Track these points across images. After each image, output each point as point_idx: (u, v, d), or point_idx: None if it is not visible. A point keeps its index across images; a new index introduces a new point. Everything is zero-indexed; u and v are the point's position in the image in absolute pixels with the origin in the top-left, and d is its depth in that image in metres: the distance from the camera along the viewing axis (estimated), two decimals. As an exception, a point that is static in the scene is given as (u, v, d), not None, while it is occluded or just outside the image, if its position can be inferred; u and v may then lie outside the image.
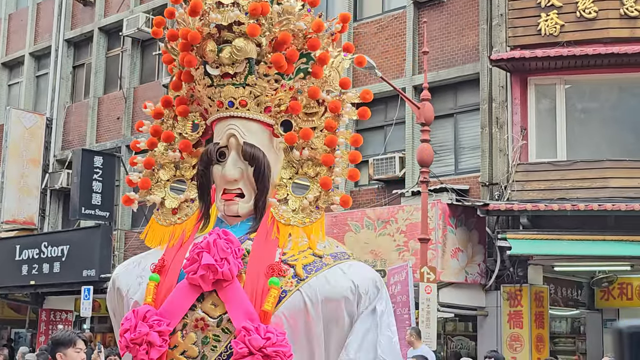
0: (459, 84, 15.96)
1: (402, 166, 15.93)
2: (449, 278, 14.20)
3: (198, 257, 2.51)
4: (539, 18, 14.44)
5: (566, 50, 14.04)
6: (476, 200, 14.78)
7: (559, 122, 14.74)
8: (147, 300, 2.58)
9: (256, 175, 2.67)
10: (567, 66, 14.41)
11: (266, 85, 2.69)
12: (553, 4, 14.37)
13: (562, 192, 13.97)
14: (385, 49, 16.95)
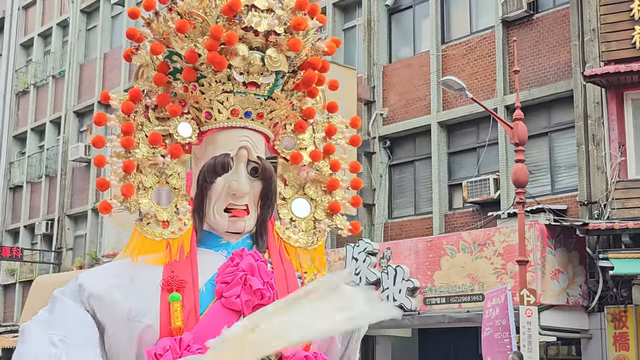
0: (552, 102, 15.72)
1: (497, 188, 15.75)
2: (549, 300, 13.92)
3: (242, 280, 2.39)
4: (632, 31, 14.14)
5: (664, 63, 13.74)
6: (575, 219, 14.49)
7: (659, 137, 14.41)
8: (177, 324, 2.38)
9: (266, 192, 2.59)
10: (665, 79, 14.09)
11: (285, 101, 2.63)
12: (647, 15, 14.10)
13: (666, 209, 13.61)
14: (475, 69, 16.85)
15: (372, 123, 18.41)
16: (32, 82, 30.46)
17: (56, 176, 28.15)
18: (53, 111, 29.22)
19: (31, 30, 31.33)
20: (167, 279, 2.42)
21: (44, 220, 28.23)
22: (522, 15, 15.95)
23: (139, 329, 2.37)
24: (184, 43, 2.49)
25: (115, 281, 2.46)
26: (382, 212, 18.12)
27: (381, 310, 2.30)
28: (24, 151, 30.60)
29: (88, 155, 26.15)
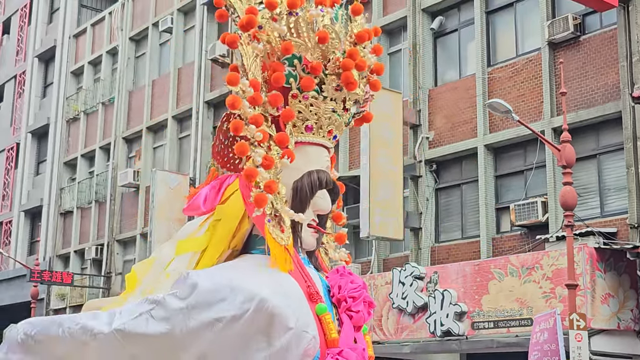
0: (600, 123, 15.59)
1: (545, 211, 15.64)
2: (600, 325, 13.75)
3: (363, 297, 2.44)
4: (682, 51, 14.06)
5: None
6: (625, 242, 14.32)
7: None
8: (333, 336, 2.34)
9: (330, 212, 2.60)
10: None
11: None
12: (697, 35, 13.97)
13: None
14: (522, 92, 16.79)
15: (418, 146, 18.40)
16: (82, 109, 30.91)
17: (105, 201, 28.49)
18: (102, 137, 29.61)
19: (81, 58, 31.84)
20: (307, 289, 2.37)
21: (93, 245, 28.55)
22: (569, 36, 15.88)
23: (306, 340, 2.29)
24: (314, 52, 2.49)
25: (276, 288, 2.29)
26: (429, 236, 18.06)
27: None
28: (74, 177, 31.01)
29: (137, 181, 26.49)
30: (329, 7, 2.54)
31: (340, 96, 2.51)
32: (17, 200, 34.18)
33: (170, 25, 26.87)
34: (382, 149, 17.70)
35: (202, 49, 25.16)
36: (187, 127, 25.86)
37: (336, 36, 2.49)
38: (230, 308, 2.20)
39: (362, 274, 18.31)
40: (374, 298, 17.08)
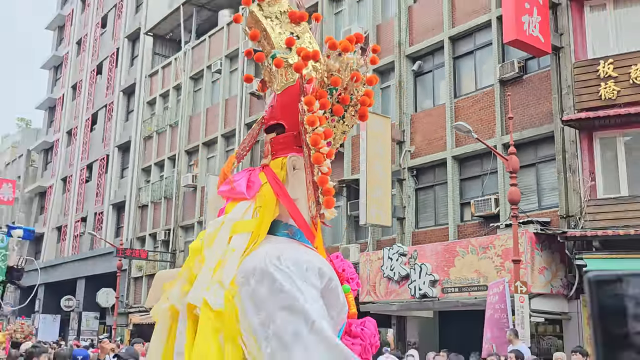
0: (538, 140, 15.56)
1: (497, 205, 15.60)
2: (538, 290, 13.72)
3: (356, 278, 2.37)
4: (599, 86, 13.98)
5: (623, 110, 13.52)
6: (556, 229, 14.30)
7: (620, 166, 14.13)
8: (352, 310, 2.23)
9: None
10: (624, 122, 13.82)
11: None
12: (610, 75, 13.88)
13: (626, 220, 13.34)
14: (480, 117, 16.76)
15: (403, 157, 18.39)
16: (155, 130, 31.11)
17: (172, 198, 28.63)
18: (170, 150, 29.76)
19: (154, 92, 32.04)
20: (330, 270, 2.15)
21: (162, 230, 28.70)
22: (515, 76, 15.85)
23: (345, 312, 2.18)
24: (348, 89, 2.35)
25: (332, 270, 2.12)
26: (411, 224, 18.05)
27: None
28: (149, 179, 31.20)
29: (195, 183, 26.61)
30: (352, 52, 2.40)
31: (352, 122, 2.40)
32: (107, 197, 34.40)
33: (220, 67, 27.00)
34: (376, 159, 17.70)
35: (243, 85, 25.27)
36: (232, 143, 25.96)
37: (361, 78, 2.35)
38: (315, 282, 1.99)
39: (361, 251, 18.33)
40: (369, 270, 17.14)
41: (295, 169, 2.37)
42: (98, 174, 35.95)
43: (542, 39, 14.55)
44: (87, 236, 35.23)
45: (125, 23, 36.01)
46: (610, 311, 0.94)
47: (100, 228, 34.07)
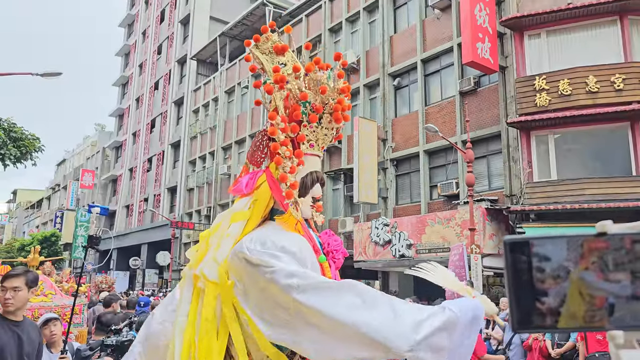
0: (488, 138, 15.51)
1: (457, 187, 15.60)
2: (488, 251, 13.73)
3: (340, 249, 2.26)
4: (535, 97, 13.92)
5: (553, 114, 13.47)
6: (502, 205, 14.29)
7: (551, 156, 14.09)
8: (328, 276, 2.11)
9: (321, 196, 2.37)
10: (555, 124, 13.77)
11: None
12: (544, 87, 13.82)
13: (555, 198, 13.33)
14: (444, 120, 16.70)
15: (386, 151, 18.37)
16: (199, 131, 31.13)
17: (212, 183, 28.71)
18: (210, 147, 29.79)
19: (198, 103, 32.03)
20: (313, 245, 2.16)
21: (205, 207, 28.81)
22: (471, 89, 15.78)
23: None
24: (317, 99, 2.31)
25: (300, 244, 2.06)
26: (392, 201, 18.06)
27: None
28: (194, 169, 31.27)
29: (229, 172, 26.65)
30: (326, 70, 2.40)
31: (331, 126, 2.33)
32: (163, 183, 34.52)
33: (247, 84, 26.96)
34: (365, 152, 17.70)
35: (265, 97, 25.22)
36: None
37: (330, 90, 2.32)
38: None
39: (354, 222, 18.36)
40: (361, 236, 17.17)
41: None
42: (156, 165, 36.04)
43: (492, 60, 14.47)
44: (149, 212, 35.39)
45: (175, 51, 35.93)
46: (519, 264, 0.97)
47: (158, 206, 34.21)
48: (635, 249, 0.93)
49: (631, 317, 0.92)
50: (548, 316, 0.96)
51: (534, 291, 0.97)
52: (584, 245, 0.97)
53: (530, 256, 0.98)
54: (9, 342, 3.21)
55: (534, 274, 0.96)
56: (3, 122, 19.20)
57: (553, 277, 0.97)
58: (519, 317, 0.94)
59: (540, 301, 0.96)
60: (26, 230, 69.03)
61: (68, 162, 62.36)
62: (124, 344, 3.64)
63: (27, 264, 6.13)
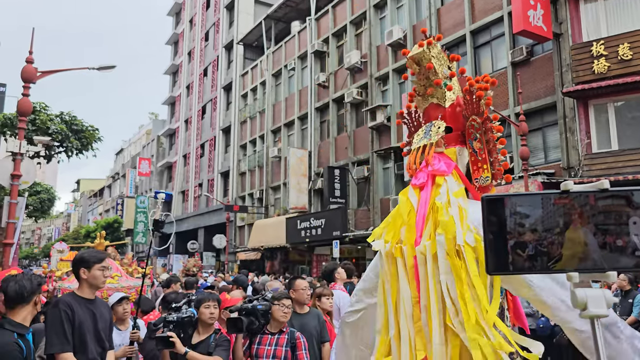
0: (543, 109, 15.04)
1: (512, 161, 15.26)
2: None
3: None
4: (592, 64, 13.35)
5: (613, 81, 12.90)
6: (560, 178, 13.90)
7: (611, 126, 13.53)
8: None
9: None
10: (614, 91, 13.19)
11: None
12: (602, 53, 13.23)
13: (616, 169, 12.84)
14: (496, 92, 16.28)
15: (436, 127, 18.13)
16: (248, 116, 31.59)
17: (263, 166, 29.16)
18: (259, 131, 30.20)
19: (246, 87, 32.44)
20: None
21: (257, 190, 29.35)
22: (523, 59, 15.31)
23: None
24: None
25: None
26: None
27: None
28: (246, 153, 31.82)
29: (279, 154, 27.00)
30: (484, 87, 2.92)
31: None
32: (216, 167, 35.35)
33: (294, 66, 27.07)
34: (415, 130, 17.55)
35: (311, 78, 25.31)
36: (305, 123, 26.16)
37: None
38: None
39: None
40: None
41: (460, 155, 2.80)
42: (209, 150, 36.92)
43: (545, 28, 13.97)
44: (203, 197, 36.43)
45: (222, 36, 36.44)
46: (495, 218, 1.10)
47: (212, 190, 35.13)
48: (598, 204, 1.05)
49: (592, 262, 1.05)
50: (521, 262, 1.09)
51: (507, 241, 1.11)
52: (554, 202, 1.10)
53: (504, 210, 1.12)
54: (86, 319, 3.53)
55: (507, 224, 1.11)
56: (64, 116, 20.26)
57: (529, 229, 1.10)
58: (494, 263, 1.09)
59: (514, 249, 1.09)
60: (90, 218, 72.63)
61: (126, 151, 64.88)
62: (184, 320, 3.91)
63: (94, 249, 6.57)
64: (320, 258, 23.52)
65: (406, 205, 2.60)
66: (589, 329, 1.36)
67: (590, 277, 1.11)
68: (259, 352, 4.15)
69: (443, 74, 2.93)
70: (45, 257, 57.62)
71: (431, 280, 2.32)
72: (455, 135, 2.83)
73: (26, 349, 2.96)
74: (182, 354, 3.76)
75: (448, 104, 2.86)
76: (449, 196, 2.51)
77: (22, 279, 3.10)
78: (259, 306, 4.15)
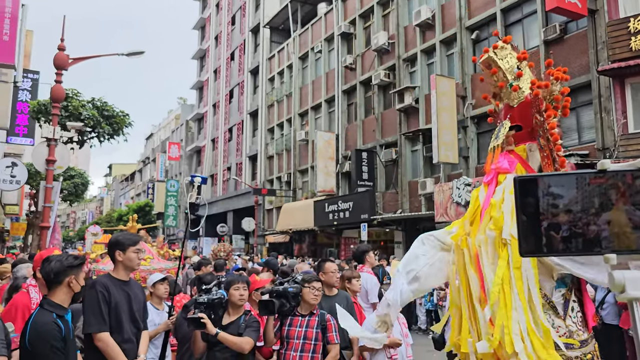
0: (577, 88, 14.60)
1: (543, 143, 14.96)
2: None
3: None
4: (629, 40, 12.87)
5: (651, 58, 12.45)
6: (594, 159, 13.56)
7: (649, 105, 13.12)
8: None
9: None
10: (652, 69, 12.76)
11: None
12: (639, 30, 12.75)
13: (654, 150, 12.46)
14: (528, 72, 15.92)
15: (466, 109, 17.86)
16: (275, 99, 31.64)
17: (290, 150, 29.25)
18: (287, 114, 30.18)
19: (273, 71, 32.44)
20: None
21: (285, 173, 29.48)
22: (557, 37, 14.88)
23: None
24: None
25: None
26: (474, 160, 17.65)
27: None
28: (273, 137, 31.94)
29: (307, 137, 27.02)
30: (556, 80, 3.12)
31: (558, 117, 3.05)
32: (244, 151, 35.62)
33: (320, 48, 26.94)
34: (444, 112, 17.33)
35: (339, 60, 25.15)
36: (332, 106, 26.08)
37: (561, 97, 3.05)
38: None
39: (434, 183, 18.17)
40: (442, 197, 16.98)
41: (531, 151, 2.93)
42: (237, 134, 37.19)
43: (579, 4, 13.52)
44: (232, 181, 36.82)
45: (248, 20, 36.43)
46: (528, 198, 1.08)
47: (240, 174, 35.46)
48: (636, 184, 1.01)
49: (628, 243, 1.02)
50: (555, 243, 1.07)
51: (541, 222, 1.09)
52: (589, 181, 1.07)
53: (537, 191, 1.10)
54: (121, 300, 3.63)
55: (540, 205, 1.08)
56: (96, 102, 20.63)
57: (564, 210, 1.08)
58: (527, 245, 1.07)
59: (548, 230, 1.07)
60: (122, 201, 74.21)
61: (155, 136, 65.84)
62: (214, 301, 3.98)
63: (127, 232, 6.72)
64: (348, 241, 23.58)
65: (475, 201, 2.95)
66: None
67: (628, 259, 1.09)
68: (289, 333, 4.20)
69: (512, 73, 3.10)
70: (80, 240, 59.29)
71: (485, 269, 2.61)
72: (526, 133, 2.98)
73: (65, 329, 3.06)
74: (213, 334, 3.83)
75: (516, 103, 3.02)
76: (504, 193, 2.70)
77: (53, 261, 3.19)
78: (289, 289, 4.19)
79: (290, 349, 4.15)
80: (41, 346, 2.86)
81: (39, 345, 2.86)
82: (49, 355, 2.89)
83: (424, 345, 11.40)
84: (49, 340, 2.89)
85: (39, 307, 3.05)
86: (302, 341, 4.14)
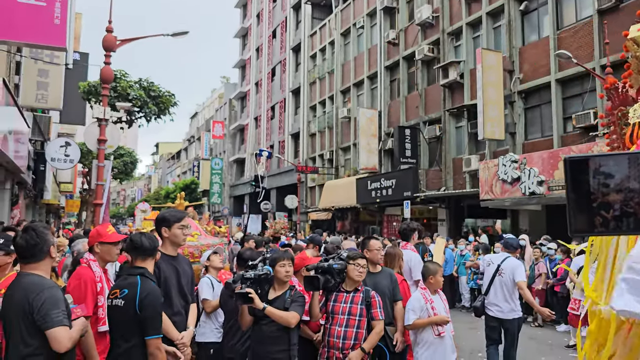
0: (633, 60, 13.95)
1: (595, 117, 14.37)
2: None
3: None
4: (692, 7, 12.14)
5: None
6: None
7: None
8: None
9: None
10: None
11: None
12: (703, -4, 11.99)
13: None
14: (580, 44, 15.27)
15: (513, 83, 17.34)
16: (317, 76, 31.52)
17: (332, 127, 29.21)
18: (329, 91, 30.11)
19: (315, 48, 32.27)
20: None
21: (327, 151, 29.51)
22: (612, 5, 14.18)
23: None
24: None
25: None
26: (521, 137, 17.18)
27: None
28: (315, 114, 31.91)
29: (349, 115, 26.90)
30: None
31: None
32: (286, 129, 35.79)
33: (363, 24, 26.58)
34: (490, 86, 16.88)
35: (381, 36, 24.78)
36: (375, 82, 25.81)
37: None
38: None
39: (480, 160, 17.82)
40: (487, 175, 16.65)
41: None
42: (279, 112, 37.37)
43: (637, -30, 12.79)
44: (275, 158, 37.14)
45: (290, -4, 36.27)
46: (579, 178, 1.08)
47: (283, 152, 35.71)
48: None
49: None
50: (606, 222, 1.07)
51: (589, 198, 1.08)
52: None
53: (588, 171, 1.10)
54: (170, 274, 3.78)
55: (591, 184, 1.08)
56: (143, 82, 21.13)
57: (615, 189, 1.07)
58: (577, 224, 1.08)
59: (599, 209, 1.07)
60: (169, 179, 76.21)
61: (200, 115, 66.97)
62: (260, 277, 4.07)
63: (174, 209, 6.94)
64: (390, 218, 23.51)
65: None
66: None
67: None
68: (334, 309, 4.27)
69: None
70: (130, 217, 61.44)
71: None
72: None
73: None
74: (261, 309, 3.93)
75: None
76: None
77: (147, 237, 3.53)
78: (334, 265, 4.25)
79: (335, 324, 4.24)
80: (151, 310, 3.21)
81: (149, 310, 3.20)
82: (156, 318, 3.25)
83: (467, 323, 11.36)
84: (157, 306, 3.26)
85: (139, 275, 3.34)
86: (347, 317, 4.21)
